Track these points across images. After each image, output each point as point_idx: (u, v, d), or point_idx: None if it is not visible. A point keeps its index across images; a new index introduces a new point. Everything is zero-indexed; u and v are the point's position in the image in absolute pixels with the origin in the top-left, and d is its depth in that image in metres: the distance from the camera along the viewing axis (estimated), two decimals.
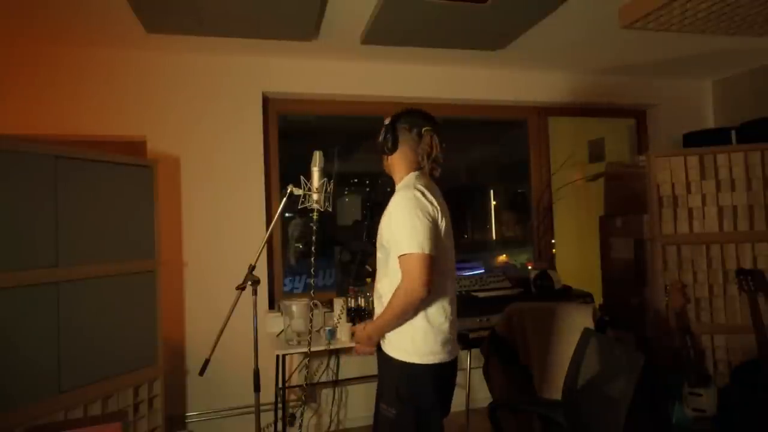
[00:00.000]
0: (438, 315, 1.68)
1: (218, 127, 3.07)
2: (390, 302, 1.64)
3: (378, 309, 1.78)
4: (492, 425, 2.22)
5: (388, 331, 1.69)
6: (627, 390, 1.67)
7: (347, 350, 3.01)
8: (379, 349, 1.78)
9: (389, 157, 1.80)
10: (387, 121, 1.80)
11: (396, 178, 1.82)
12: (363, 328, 1.77)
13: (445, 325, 1.70)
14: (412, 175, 1.77)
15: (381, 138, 1.78)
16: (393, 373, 1.69)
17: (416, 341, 1.65)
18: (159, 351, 2.60)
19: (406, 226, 1.61)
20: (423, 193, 1.66)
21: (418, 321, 1.66)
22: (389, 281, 1.69)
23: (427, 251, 1.59)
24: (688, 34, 2.73)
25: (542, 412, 2.33)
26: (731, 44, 3.10)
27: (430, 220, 1.63)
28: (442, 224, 1.69)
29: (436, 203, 1.68)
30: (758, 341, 2.62)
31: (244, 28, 2.67)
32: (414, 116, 1.80)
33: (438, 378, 1.69)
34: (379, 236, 1.76)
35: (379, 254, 1.78)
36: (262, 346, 2.25)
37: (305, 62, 3.22)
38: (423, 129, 1.77)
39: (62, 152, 2.18)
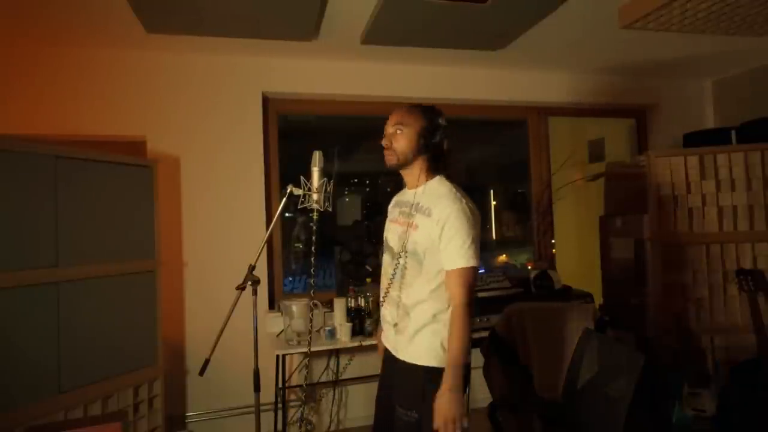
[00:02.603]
0: None
1: (218, 127, 3.07)
2: (458, 335, 1.58)
3: (401, 319, 1.73)
4: (492, 425, 2.22)
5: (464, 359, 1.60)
6: (627, 390, 1.68)
7: (347, 350, 3.01)
8: (394, 359, 1.75)
9: (420, 156, 1.72)
10: (444, 123, 1.74)
11: (419, 177, 1.74)
12: (448, 395, 1.53)
13: (469, 329, 1.69)
14: (442, 179, 1.75)
15: (437, 138, 1.71)
16: (417, 380, 1.66)
17: (440, 346, 1.65)
18: (159, 351, 2.61)
19: (464, 239, 1.62)
20: (469, 204, 1.69)
21: (444, 327, 1.65)
22: (417, 290, 1.68)
23: (478, 264, 1.65)
24: (688, 34, 2.73)
25: (542, 412, 2.33)
26: (731, 44, 3.10)
27: (478, 232, 1.68)
28: None
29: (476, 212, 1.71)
30: (758, 341, 2.62)
31: (244, 28, 2.67)
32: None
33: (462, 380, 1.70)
34: (410, 243, 1.70)
35: (404, 260, 1.72)
36: (262, 346, 2.25)
37: (305, 62, 3.22)
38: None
39: (62, 152, 2.19)
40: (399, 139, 1.71)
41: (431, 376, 1.64)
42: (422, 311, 1.68)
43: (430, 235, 1.65)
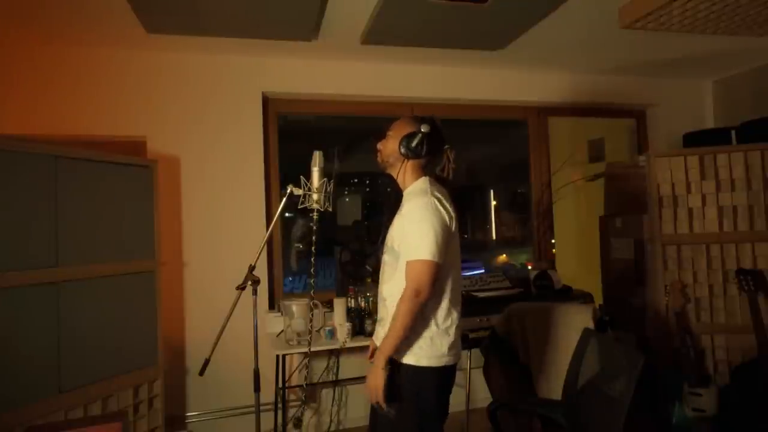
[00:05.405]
0: (446, 319, 1.70)
1: (218, 127, 3.07)
2: (397, 315, 1.63)
3: (382, 311, 1.79)
4: (492, 425, 2.22)
5: (399, 343, 1.65)
6: (627, 390, 1.67)
7: (347, 350, 3.01)
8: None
9: (407, 161, 1.79)
10: (426, 130, 1.78)
11: (403, 179, 1.82)
12: (377, 364, 1.66)
13: (452, 329, 1.72)
14: (425, 179, 1.80)
15: (416, 143, 1.76)
16: (395, 377, 1.67)
17: (423, 345, 1.67)
18: (159, 351, 2.60)
19: (420, 232, 1.63)
20: (440, 201, 1.70)
21: (427, 324, 1.68)
22: (395, 284, 1.70)
23: (436, 260, 1.62)
24: (688, 34, 2.73)
25: (542, 412, 2.32)
26: (731, 44, 3.10)
27: (444, 228, 1.66)
28: (454, 231, 1.73)
29: (451, 210, 1.72)
30: (758, 341, 2.62)
31: (244, 29, 2.67)
32: (440, 132, 1.85)
33: (441, 381, 1.71)
34: (389, 239, 1.77)
35: (386, 257, 1.79)
36: (262, 346, 2.25)
37: (305, 62, 3.22)
38: (444, 146, 1.86)
39: (62, 152, 2.18)
40: (387, 142, 1.85)
41: (407, 374, 1.66)
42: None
43: (400, 228, 1.70)
